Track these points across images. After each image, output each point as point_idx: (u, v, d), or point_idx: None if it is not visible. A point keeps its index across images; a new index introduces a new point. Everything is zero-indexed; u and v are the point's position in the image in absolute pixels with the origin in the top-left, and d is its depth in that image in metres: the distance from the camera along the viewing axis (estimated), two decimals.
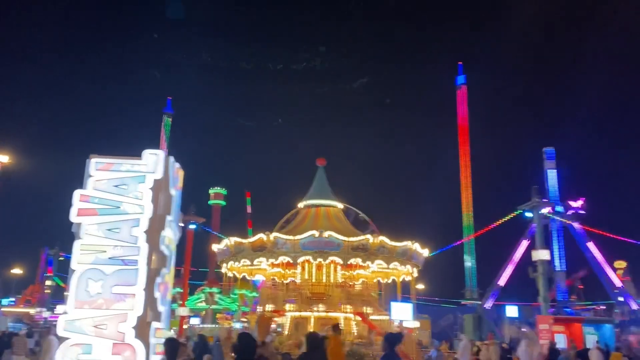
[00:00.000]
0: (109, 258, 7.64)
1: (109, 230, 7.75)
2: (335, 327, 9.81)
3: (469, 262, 69.93)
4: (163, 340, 7.41)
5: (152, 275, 7.77)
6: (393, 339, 8.17)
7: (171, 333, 8.15)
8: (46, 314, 54.75)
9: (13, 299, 73.87)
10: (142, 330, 7.42)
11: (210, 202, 78.40)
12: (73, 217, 7.91)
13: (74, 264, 7.66)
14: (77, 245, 7.74)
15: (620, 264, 63.83)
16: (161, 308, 7.92)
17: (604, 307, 62.88)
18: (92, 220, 7.80)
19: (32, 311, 64.43)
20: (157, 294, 7.80)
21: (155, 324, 7.77)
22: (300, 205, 30.03)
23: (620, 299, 58.70)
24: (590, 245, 61.34)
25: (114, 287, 7.51)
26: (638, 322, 49.42)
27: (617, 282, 59.94)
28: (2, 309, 60.44)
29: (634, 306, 57.08)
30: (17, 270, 71.71)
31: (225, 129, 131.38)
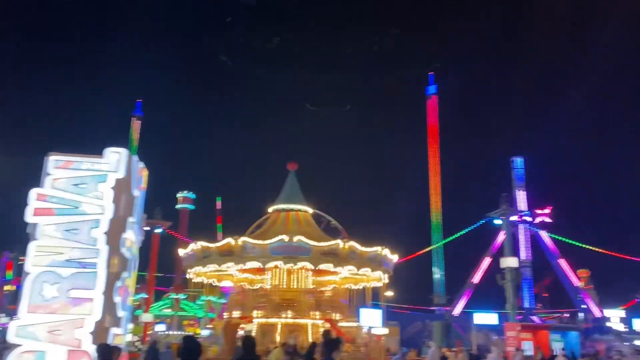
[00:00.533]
0: (66, 260, 7.34)
1: (67, 231, 7.45)
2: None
3: (437, 274, 70.51)
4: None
5: (112, 279, 7.51)
6: (330, 344, 8.02)
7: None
8: (4, 319, 53.04)
9: None
10: (100, 336, 7.14)
11: (178, 206, 77.36)
12: (29, 217, 7.60)
13: (28, 266, 7.33)
14: (32, 247, 7.42)
15: (583, 272, 65.15)
16: (121, 313, 7.66)
17: (568, 315, 64.16)
18: (49, 221, 7.49)
19: None
20: (117, 299, 7.53)
21: (114, 330, 7.48)
22: (270, 209, 29.76)
23: (584, 306, 60.13)
24: (556, 253, 62.79)
25: (70, 291, 7.23)
26: (601, 329, 50.50)
27: (581, 290, 61.41)
28: None
29: (597, 314, 58.40)
30: None
31: (195, 133, 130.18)
